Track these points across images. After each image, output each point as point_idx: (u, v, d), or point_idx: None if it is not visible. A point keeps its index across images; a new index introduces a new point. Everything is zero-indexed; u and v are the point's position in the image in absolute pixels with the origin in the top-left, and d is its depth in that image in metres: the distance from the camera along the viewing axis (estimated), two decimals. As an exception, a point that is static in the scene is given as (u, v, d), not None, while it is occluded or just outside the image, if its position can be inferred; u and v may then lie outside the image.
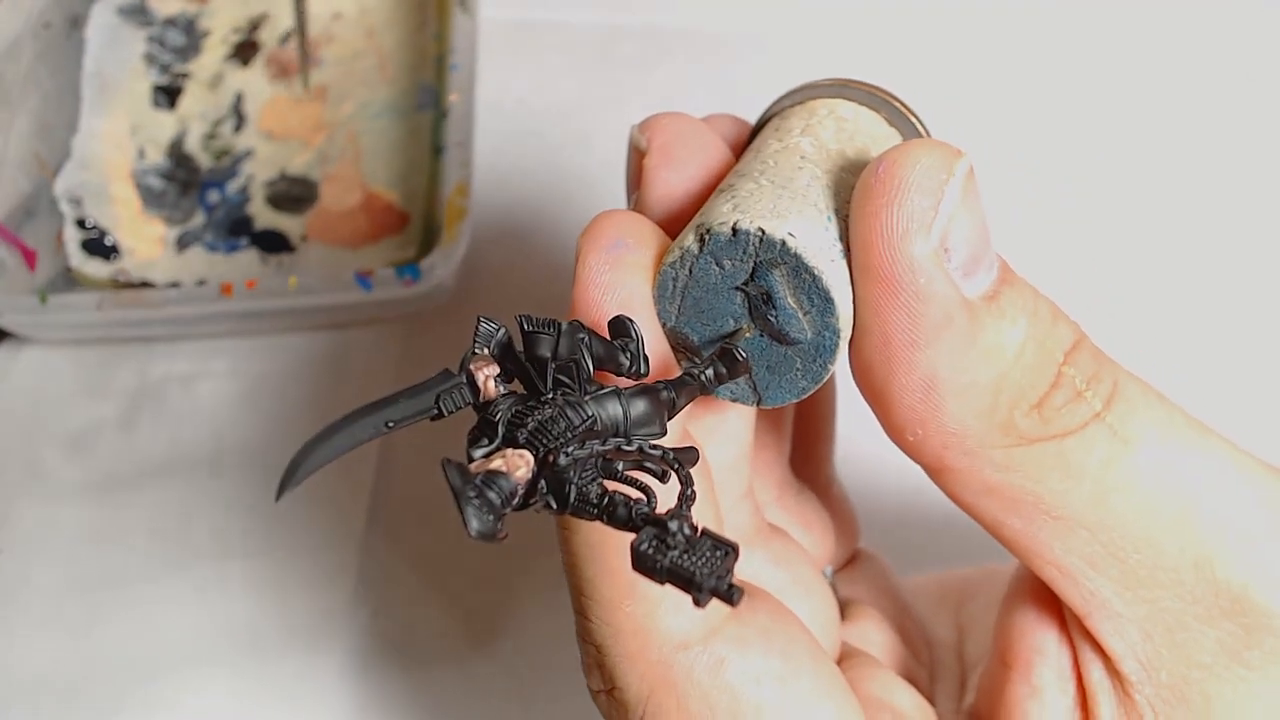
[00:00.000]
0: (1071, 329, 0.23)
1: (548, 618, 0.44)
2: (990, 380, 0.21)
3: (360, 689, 0.43)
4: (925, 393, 0.21)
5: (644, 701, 0.23)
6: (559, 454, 0.18)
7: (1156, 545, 0.22)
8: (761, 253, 0.21)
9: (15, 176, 0.51)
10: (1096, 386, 0.22)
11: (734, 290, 0.22)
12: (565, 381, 0.19)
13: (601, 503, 0.18)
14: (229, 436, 0.49)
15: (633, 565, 0.17)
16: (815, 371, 0.22)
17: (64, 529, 0.47)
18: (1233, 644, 0.22)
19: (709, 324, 0.22)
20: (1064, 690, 0.24)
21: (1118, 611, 0.23)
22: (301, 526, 0.47)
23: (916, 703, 0.26)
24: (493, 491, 0.17)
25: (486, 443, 0.18)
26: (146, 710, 0.43)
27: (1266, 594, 0.22)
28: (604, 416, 0.19)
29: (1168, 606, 0.22)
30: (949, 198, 0.20)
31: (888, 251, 0.20)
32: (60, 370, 0.51)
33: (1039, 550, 0.23)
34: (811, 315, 0.21)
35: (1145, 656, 0.23)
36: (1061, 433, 0.22)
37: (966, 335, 0.21)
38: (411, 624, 0.44)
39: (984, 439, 0.22)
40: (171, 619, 0.45)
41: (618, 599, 0.22)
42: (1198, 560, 0.22)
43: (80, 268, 0.52)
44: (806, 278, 0.21)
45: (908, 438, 0.22)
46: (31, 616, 0.45)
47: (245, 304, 0.47)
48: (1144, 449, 0.22)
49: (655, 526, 0.17)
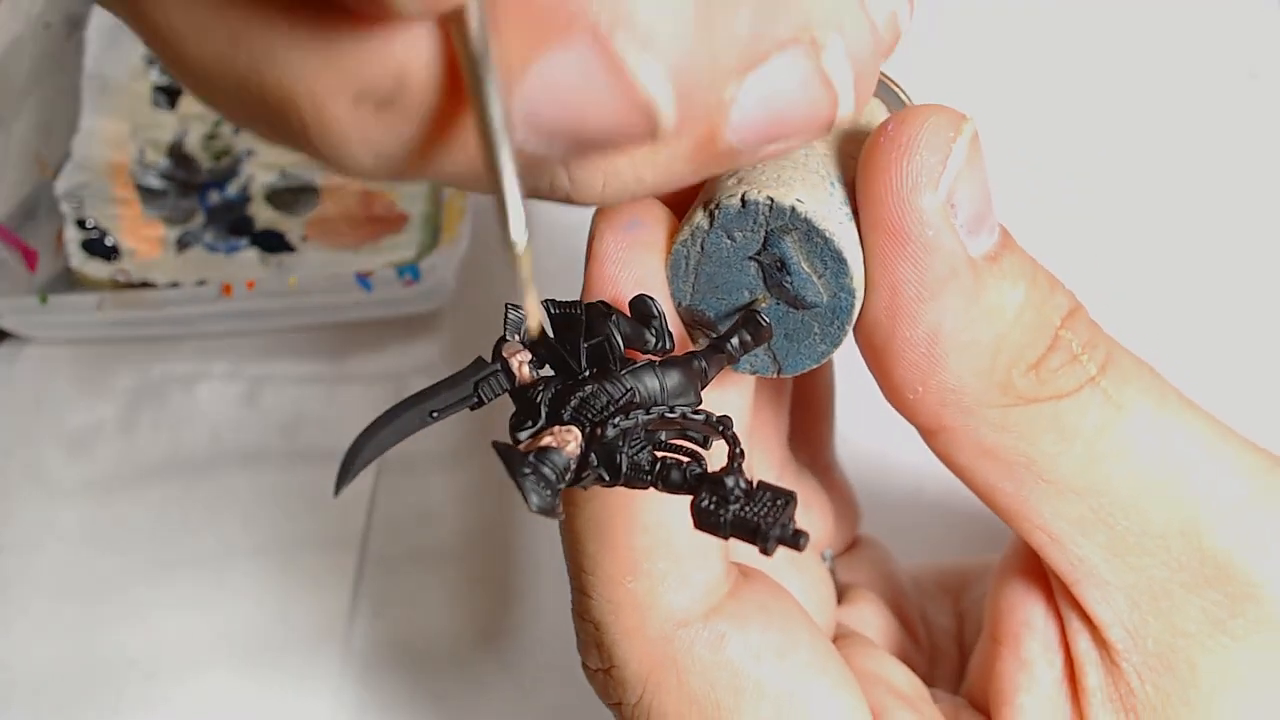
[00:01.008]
0: (1068, 297, 0.23)
1: (548, 617, 0.44)
2: (990, 339, 0.22)
3: (360, 689, 0.43)
4: (928, 347, 0.22)
5: (643, 679, 0.23)
6: (606, 426, 0.18)
7: (1145, 512, 0.22)
8: (772, 221, 0.21)
9: (15, 176, 0.52)
10: (1092, 352, 0.23)
11: (747, 261, 0.22)
12: (598, 360, 0.19)
13: (655, 469, 0.18)
14: (229, 436, 0.49)
15: (695, 524, 0.17)
16: (833, 334, 0.22)
17: (64, 529, 0.47)
18: (1217, 613, 0.23)
19: (724, 298, 0.23)
20: (1051, 662, 0.25)
21: (1105, 579, 0.23)
22: (301, 526, 0.47)
23: (909, 679, 0.27)
24: (546, 467, 0.17)
25: (531, 424, 0.19)
26: (146, 710, 0.43)
27: (1251, 563, 0.22)
28: (642, 389, 0.19)
29: (1154, 574, 0.23)
30: (956, 155, 0.21)
31: (897, 204, 0.21)
32: (60, 370, 0.51)
33: (1029, 515, 0.23)
34: (826, 278, 0.22)
35: (1132, 624, 0.23)
36: (1057, 394, 0.22)
37: (970, 291, 0.21)
38: (411, 624, 0.44)
39: (982, 397, 0.22)
40: (171, 619, 0.45)
41: (619, 575, 0.23)
42: (1185, 528, 0.22)
43: (80, 268, 0.52)
44: (819, 241, 0.21)
45: (907, 396, 0.23)
46: (31, 616, 0.45)
47: (245, 304, 0.48)
48: (1136, 415, 0.22)
49: (712, 484, 0.17)
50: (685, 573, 0.23)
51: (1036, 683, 0.25)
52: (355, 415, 0.49)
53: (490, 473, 0.47)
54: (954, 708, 0.27)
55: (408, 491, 0.47)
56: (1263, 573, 0.23)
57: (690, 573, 0.23)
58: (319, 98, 0.15)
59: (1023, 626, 0.25)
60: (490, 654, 0.43)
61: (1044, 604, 0.25)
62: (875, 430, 0.33)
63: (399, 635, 0.44)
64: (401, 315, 0.50)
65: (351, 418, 0.49)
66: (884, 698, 0.25)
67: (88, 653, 0.44)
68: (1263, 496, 0.23)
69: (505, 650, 0.43)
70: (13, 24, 0.52)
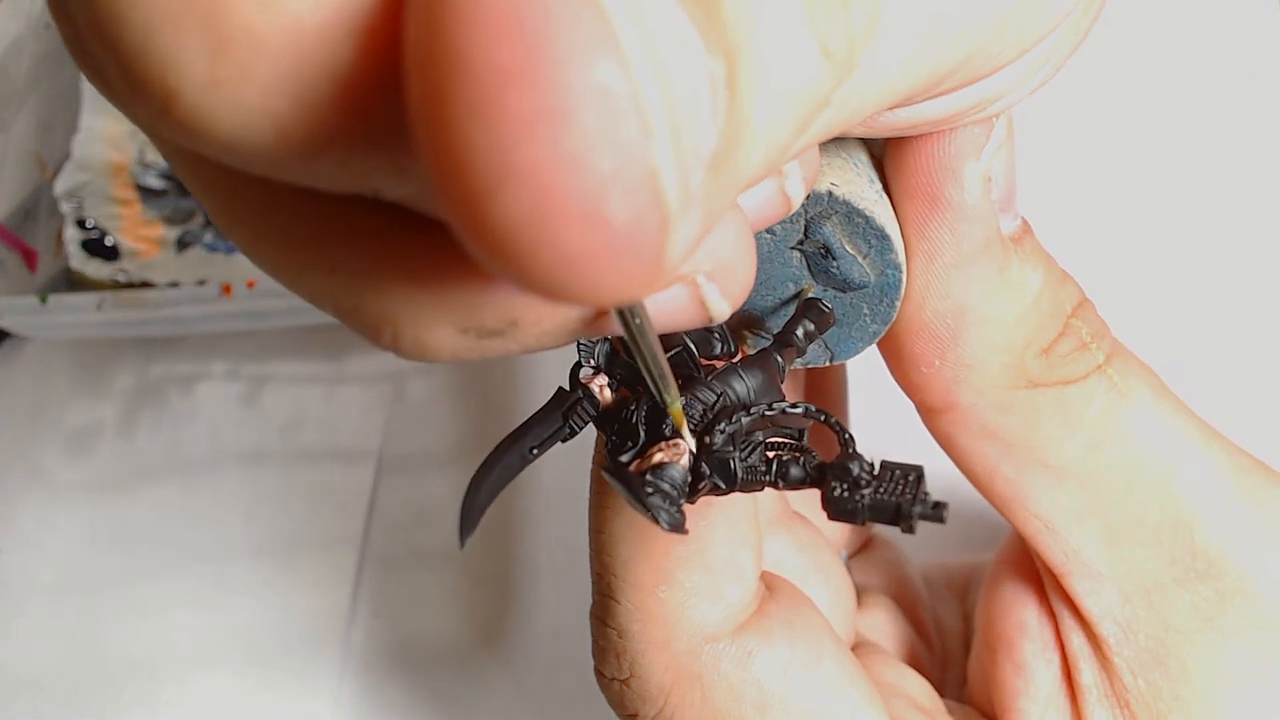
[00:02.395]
0: (1078, 290, 0.24)
1: (547, 617, 0.44)
2: (1012, 317, 0.22)
3: (360, 689, 0.43)
4: (955, 319, 0.22)
5: (665, 692, 0.23)
6: (713, 434, 0.18)
7: (1140, 503, 0.23)
8: (810, 208, 0.21)
9: (15, 176, 0.51)
10: (1100, 341, 0.23)
11: (789, 253, 0.22)
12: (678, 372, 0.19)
13: (773, 468, 0.18)
14: (229, 436, 0.49)
15: (830, 515, 0.17)
16: (884, 312, 0.22)
17: (64, 529, 0.47)
18: (1207, 608, 0.23)
19: (769, 294, 0.22)
20: (1049, 662, 0.25)
21: (1097, 570, 0.23)
22: (301, 526, 0.47)
23: (926, 691, 0.27)
24: (665, 484, 0.17)
25: (632, 445, 0.18)
26: (146, 710, 0.43)
27: (1241, 558, 0.23)
28: (731, 393, 0.19)
29: (1146, 567, 0.23)
30: (998, 129, 0.21)
31: (940, 172, 0.21)
32: (60, 370, 0.51)
33: (1026, 502, 0.23)
34: (871, 257, 0.22)
35: (1123, 618, 0.23)
36: (1065, 379, 0.23)
37: (999, 265, 0.22)
38: (411, 624, 0.44)
39: (995, 376, 0.22)
40: (171, 619, 0.45)
41: (652, 584, 0.22)
42: (1178, 522, 0.23)
43: (80, 268, 0.52)
44: (859, 221, 0.21)
45: (922, 369, 0.23)
46: (31, 616, 0.45)
47: (245, 304, 0.47)
48: (1139, 404, 0.23)
49: (838, 472, 0.17)
50: (719, 586, 0.22)
51: (1035, 685, 0.25)
52: (355, 415, 0.49)
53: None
54: (966, 718, 0.27)
55: (408, 491, 0.47)
56: (1252, 569, 0.23)
57: (724, 586, 0.22)
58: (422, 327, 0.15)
59: (1016, 630, 0.25)
60: (490, 654, 0.43)
61: (1037, 604, 0.25)
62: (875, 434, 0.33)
63: (399, 635, 0.44)
64: (401, 315, 0.50)
65: (351, 418, 0.49)
66: (903, 710, 0.25)
67: (88, 652, 0.44)
68: (1250, 494, 0.23)
69: (504, 650, 0.43)
70: (13, 24, 0.52)
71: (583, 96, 0.10)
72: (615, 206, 0.11)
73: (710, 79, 0.12)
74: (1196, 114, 0.53)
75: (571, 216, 0.11)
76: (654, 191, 0.11)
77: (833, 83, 0.14)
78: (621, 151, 0.10)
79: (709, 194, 0.12)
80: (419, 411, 0.49)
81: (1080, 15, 0.19)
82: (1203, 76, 0.54)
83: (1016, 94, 0.20)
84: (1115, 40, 0.55)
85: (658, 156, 0.11)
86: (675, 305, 0.15)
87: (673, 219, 0.11)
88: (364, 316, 0.15)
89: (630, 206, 0.11)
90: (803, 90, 0.13)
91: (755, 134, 0.13)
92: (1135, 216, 0.51)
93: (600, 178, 0.10)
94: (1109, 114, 0.54)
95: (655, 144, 0.11)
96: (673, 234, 0.11)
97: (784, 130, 0.13)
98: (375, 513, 0.47)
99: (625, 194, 0.11)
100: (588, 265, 0.11)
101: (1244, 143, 0.53)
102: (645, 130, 0.10)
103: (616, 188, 0.10)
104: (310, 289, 0.15)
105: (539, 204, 0.10)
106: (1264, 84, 0.54)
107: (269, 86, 0.12)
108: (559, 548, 0.44)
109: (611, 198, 0.11)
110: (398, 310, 0.15)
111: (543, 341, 0.15)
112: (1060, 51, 0.19)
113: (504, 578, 0.45)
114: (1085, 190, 0.52)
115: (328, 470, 0.48)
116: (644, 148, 0.10)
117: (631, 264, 0.11)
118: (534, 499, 0.46)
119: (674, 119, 0.11)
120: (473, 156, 0.10)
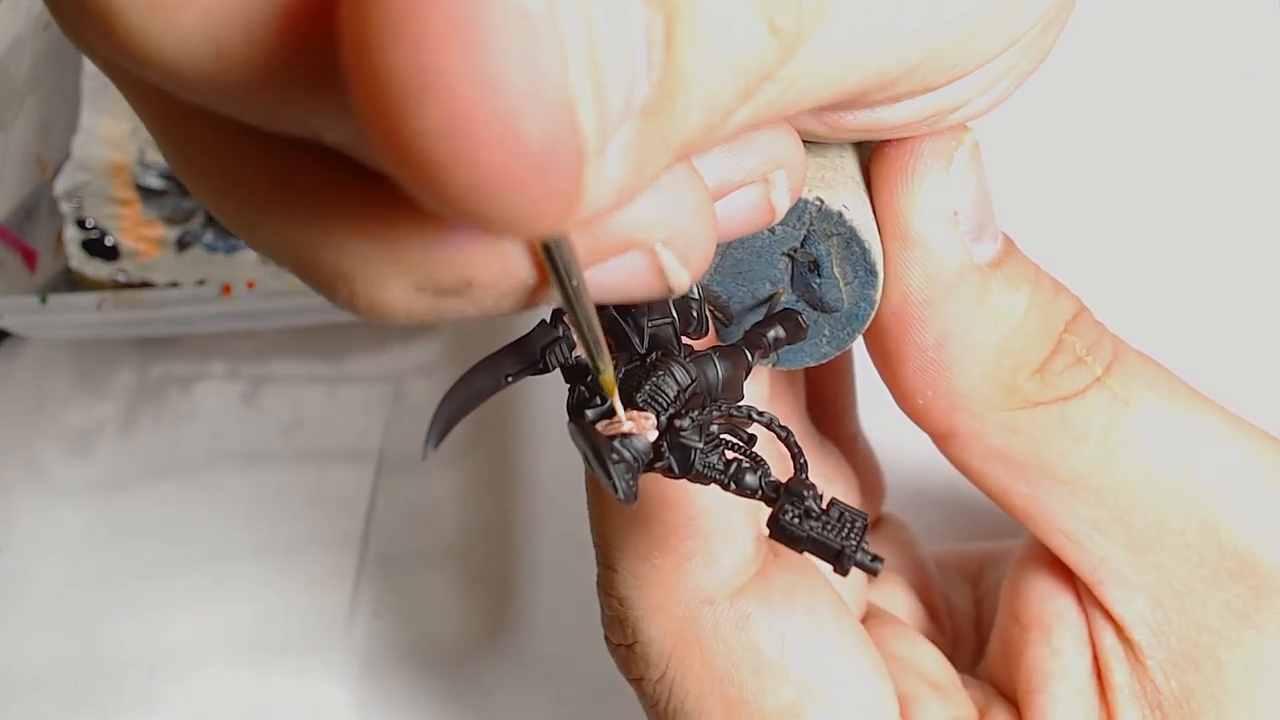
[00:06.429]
0: (1073, 301, 0.23)
1: (547, 615, 0.44)
2: (995, 342, 0.22)
3: (360, 687, 0.43)
4: (937, 351, 0.22)
5: (666, 656, 0.23)
6: (683, 419, 0.18)
7: (1161, 508, 0.22)
8: (817, 222, 0.21)
9: (15, 176, 0.52)
10: (1097, 352, 0.23)
11: (780, 256, 0.22)
12: (657, 341, 0.19)
13: (729, 470, 0.18)
14: (229, 436, 0.49)
15: (772, 534, 0.17)
16: (842, 339, 0.23)
17: (64, 529, 0.47)
18: (1241, 606, 0.22)
19: (744, 285, 0.22)
20: (1082, 654, 0.24)
21: (1126, 578, 0.23)
22: (301, 526, 0.47)
23: (941, 664, 0.26)
24: (629, 452, 0.17)
25: (599, 403, 0.18)
26: (146, 709, 0.43)
27: (1273, 554, 0.22)
28: (703, 378, 0.19)
29: (1175, 571, 0.23)
30: (959, 163, 0.21)
31: (906, 210, 0.21)
32: (60, 370, 0.51)
33: (1046, 516, 0.23)
34: (853, 285, 0.22)
35: (1155, 623, 0.23)
36: (1063, 396, 0.22)
37: (976, 295, 0.22)
38: (411, 623, 0.44)
39: (989, 400, 0.22)
40: (171, 619, 0.45)
41: (647, 550, 0.23)
42: (1203, 522, 0.22)
43: (80, 268, 0.52)
44: (857, 250, 0.21)
45: (918, 401, 0.23)
46: (32, 616, 0.45)
47: (245, 304, 0.47)
48: (1145, 410, 0.23)
49: (791, 497, 0.17)
50: (713, 551, 0.23)
51: (1069, 672, 0.24)
52: (355, 415, 0.49)
53: (490, 473, 0.47)
54: (984, 694, 0.26)
55: (408, 491, 0.47)
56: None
57: (718, 551, 0.23)
58: (375, 286, 0.15)
59: (1055, 617, 0.25)
60: (490, 653, 0.43)
61: (1073, 598, 0.25)
62: (879, 421, 0.33)
63: (399, 634, 0.44)
64: (401, 315, 0.50)
65: (351, 418, 0.49)
66: (914, 685, 0.25)
67: (88, 652, 0.44)
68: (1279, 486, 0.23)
69: (505, 649, 0.43)
70: (13, 24, 0.52)
71: (500, 13, 0.10)
72: (529, 127, 0.11)
73: (648, 30, 0.12)
74: (1197, 113, 0.54)
75: (486, 133, 0.11)
76: (569, 120, 0.11)
77: (777, 58, 0.14)
78: (536, 74, 0.11)
79: (643, 143, 0.13)
80: (419, 411, 0.49)
81: (1040, 34, 0.19)
82: (1202, 75, 0.54)
83: (975, 105, 0.20)
84: (1116, 40, 0.55)
85: (574, 85, 0.11)
86: (634, 273, 0.15)
87: (589, 151, 0.11)
88: (320, 272, 0.15)
89: (544, 131, 0.11)
90: (746, 61, 0.14)
91: (693, 93, 0.13)
92: (1134, 215, 0.51)
93: (514, 97, 0.11)
94: (1109, 114, 0.54)
95: (571, 72, 0.11)
96: (591, 169, 0.12)
97: (724, 95, 0.14)
98: (375, 513, 0.47)
99: (539, 117, 0.11)
100: (503, 186, 0.11)
101: (1243, 141, 0.53)
102: (561, 57, 0.11)
103: (530, 109, 0.11)
104: (266, 241, 0.15)
105: (455, 119, 0.11)
106: (1263, 83, 0.54)
107: (208, 9, 0.12)
108: (559, 547, 0.44)
109: (525, 118, 0.11)
110: (352, 265, 0.15)
111: (500, 305, 0.15)
112: (1019, 67, 0.19)
113: (504, 577, 0.45)
114: (1085, 190, 0.52)
115: (328, 470, 0.48)
116: (559, 74, 0.11)
117: (546, 190, 0.11)
118: (534, 498, 0.46)
119: (596, 55, 0.11)
120: (392, 70, 0.11)
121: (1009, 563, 0.30)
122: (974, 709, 0.26)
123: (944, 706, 0.25)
